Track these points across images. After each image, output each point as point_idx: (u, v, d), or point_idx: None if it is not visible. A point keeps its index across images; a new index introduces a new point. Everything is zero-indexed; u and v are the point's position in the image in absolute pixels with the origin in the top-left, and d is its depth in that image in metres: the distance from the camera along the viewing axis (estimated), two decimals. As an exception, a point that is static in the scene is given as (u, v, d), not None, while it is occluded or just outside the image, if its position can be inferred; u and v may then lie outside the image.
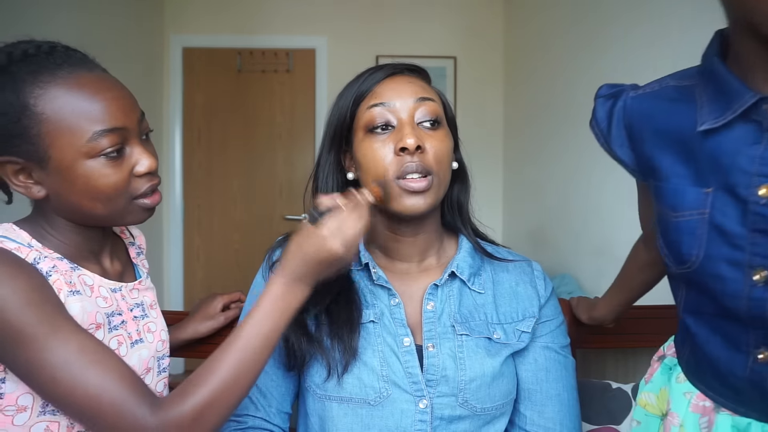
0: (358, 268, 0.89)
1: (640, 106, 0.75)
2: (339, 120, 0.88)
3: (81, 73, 0.73)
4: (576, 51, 2.52)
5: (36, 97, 0.70)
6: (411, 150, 0.80)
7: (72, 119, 0.71)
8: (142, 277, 0.90)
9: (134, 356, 0.81)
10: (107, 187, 0.74)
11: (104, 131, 0.72)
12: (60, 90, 0.71)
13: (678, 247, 0.71)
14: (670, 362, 0.86)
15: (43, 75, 0.71)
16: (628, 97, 0.77)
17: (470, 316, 0.87)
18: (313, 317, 0.85)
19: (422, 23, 3.61)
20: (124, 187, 0.76)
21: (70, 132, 0.71)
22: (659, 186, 0.73)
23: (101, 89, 0.73)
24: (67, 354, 0.67)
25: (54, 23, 2.15)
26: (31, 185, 0.74)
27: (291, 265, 0.73)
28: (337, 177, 0.90)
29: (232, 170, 3.60)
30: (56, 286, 0.72)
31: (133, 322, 0.83)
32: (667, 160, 0.72)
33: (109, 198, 0.75)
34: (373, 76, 0.86)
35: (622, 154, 0.78)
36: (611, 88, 0.81)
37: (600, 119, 0.80)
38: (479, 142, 3.53)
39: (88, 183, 0.73)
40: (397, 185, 0.82)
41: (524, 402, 0.89)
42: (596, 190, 2.33)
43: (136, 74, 3.09)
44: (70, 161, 0.72)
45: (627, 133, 0.77)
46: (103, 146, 0.72)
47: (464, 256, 0.90)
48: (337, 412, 0.82)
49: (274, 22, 3.56)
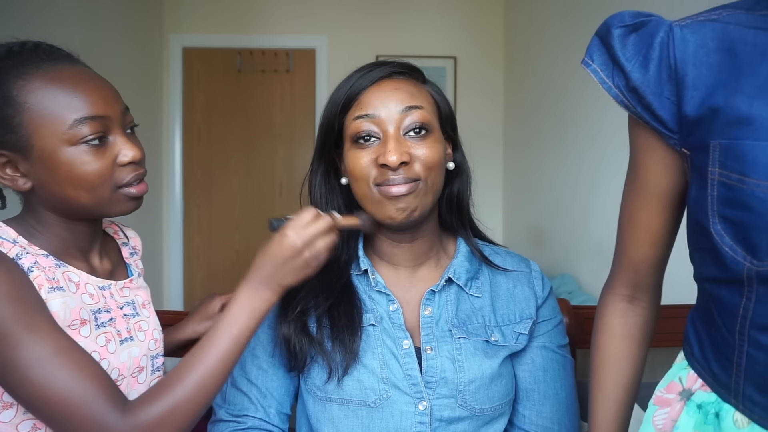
0: (358, 273, 0.89)
1: (703, 37, 0.56)
2: (328, 128, 0.87)
3: (64, 66, 0.75)
4: (576, 50, 2.51)
5: (19, 87, 0.72)
6: (393, 167, 0.79)
7: (53, 107, 0.72)
8: (133, 275, 0.90)
9: (124, 353, 0.81)
10: (90, 174, 0.75)
11: (85, 118, 0.73)
12: (42, 81, 0.73)
13: (761, 232, 0.52)
14: (703, 401, 0.62)
15: (26, 68, 0.73)
16: (676, 27, 0.58)
17: (468, 320, 0.86)
18: (315, 319, 0.85)
19: (422, 23, 3.61)
20: (108, 175, 0.76)
21: (51, 120, 0.72)
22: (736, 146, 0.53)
23: (83, 80, 0.75)
24: (42, 353, 0.67)
25: (54, 23, 2.15)
26: (18, 177, 0.75)
27: (256, 269, 0.76)
28: (332, 182, 0.90)
29: (231, 170, 3.60)
30: (37, 282, 0.72)
31: (123, 320, 0.84)
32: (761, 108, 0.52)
33: (93, 186, 0.76)
34: (360, 81, 0.84)
35: (659, 106, 0.58)
36: (635, 17, 0.61)
37: (623, 58, 0.59)
38: (479, 142, 3.53)
39: (70, 171, 0.74)
40: (377, 191, 0.81)
41: (522, 402, 0.89)
42: (596, 189, 2.33)
43: (136, 74, 3.09)
44: (53, 149, 0.73)
45: (674, 77, 0.57)
46: (84, 133, 0.73)
47: (461, 261, 0.90)
48: (337, 413, 0.82)
49: (274, 22, 3.56)
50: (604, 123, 2.21)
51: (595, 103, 2.27)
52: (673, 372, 0.68)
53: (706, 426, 0.61)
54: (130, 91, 2.87)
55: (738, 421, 0.58)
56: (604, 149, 2.22)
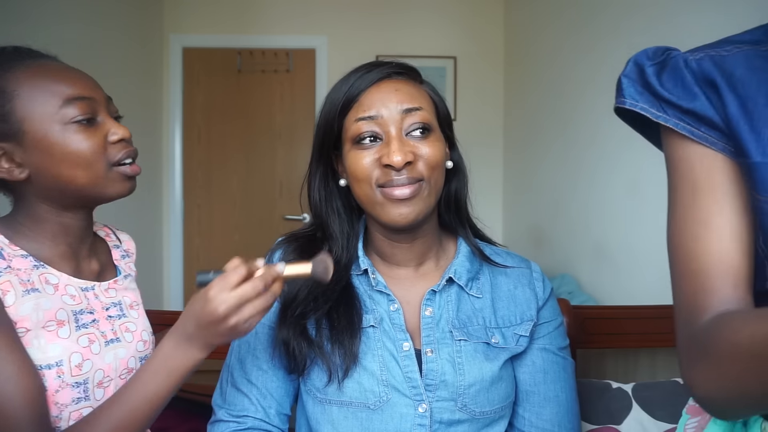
0: (358, 274, 0.89)
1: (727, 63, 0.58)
2: (327, 129, 0.86)
3: (46, 61, 0.80)
4: (576, 50, 2.51)
5: (7, 79, 0.76)
6: (398, 167, 0.79)
7: (41, 92, 0.76)
8: (119, 276, 0.91)
9: (109, 354, 0.82)
10: (84, 151, 0.78)
11: (73, 98, 0.77)
12: (28, 72, 0.77)
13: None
14: None
15: (11, 63, 0.77)
16: (695, 58, 0.60)
17: (468, 321, 0.86)
18: (314, 322, 0.85)
19: (422, 23, 3.61)
20: (101, 152, 0.79)
21: (40, 104, 0.76)
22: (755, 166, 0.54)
23: (65, 69, 0.81)
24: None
25: (54, 23, 2.15)
26: (14, 168, 0.77)
27: (181, 324, 0.73)
28: (330, 183, 0.90)
29: (231, 170, 3.60)
30: (2, 287, 0.73)
31: (108, 321, 0.84)
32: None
33: (88, 162, 0.78)
34: (358, 82, 0.84)
35: (701, 108, 0.58)
36: (656, 53, 0.64)
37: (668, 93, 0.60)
38: (479, 142, 3.53)
39: (64, 150, 0.77)
40: (380, 193, 0.81)
41: (523, 404, 0.89)
42: (597, 189, 2.33)
43: (136, 74, 3.09)
44: (45, 131, 0.76)
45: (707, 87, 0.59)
46: (73, 113, 0.77)
47: (462, 261, 0.90)
48: (337, 415, 0.82)
49: (273, 22, 3.56)
50: (605, 122, 2.21)
51: (595, 102, 2.27)
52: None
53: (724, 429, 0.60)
54: (130, 90, 2.88)
55: (766, 429, 0.57)
56: (605, 149, 2.22)
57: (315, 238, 0.92)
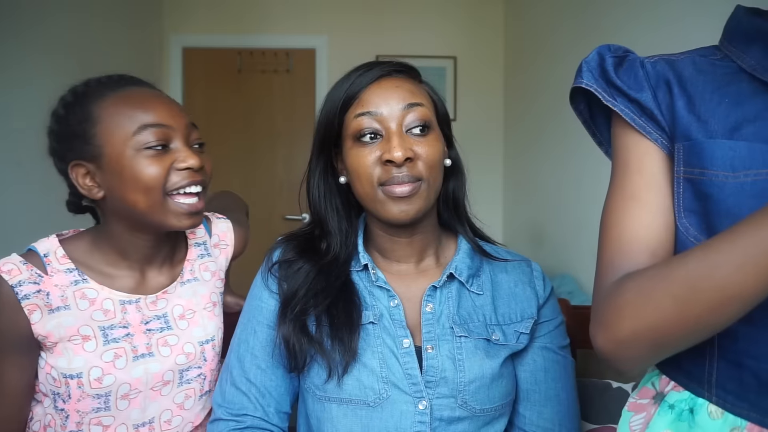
0: (358, 270, 0.89)
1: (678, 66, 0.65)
2: (327, 127, 0.87)
3: (137, 88, 0.86)
4: (576, 50, 2.51)
5: (97, 105, 0.82)
6: (398, 163, 0.79)
7: (122, 117, 0.81)
8: (173, 283, 0.92)
9: (138, 369, 0.84)
10: (146, 176, 0.80)
11: (148, 125, 0.81)
12: (115, 99, 0.82)
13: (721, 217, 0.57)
14: (676, 400, 0.63)
15: (105, 91, 0.83)
16: (650, 61, 0.67)
17: (469, 318, 0.86)
18: (314, 318, 0.85)
19: (422, 23, 3.61)
20: (161, 179, 0.81)
21: (119, 128, 0.81)
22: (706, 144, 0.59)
23: (150, 96, 0.85)
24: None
25: (54, 23, 2.15)
26: (93, 187, 0.83)
27: None
28: (330, 181, 0.90)
29: (231, 170, 3.60)
30: (29, 308, 0.78)
31: (144, 335, 0.86)
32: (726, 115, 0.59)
33: (147, 188, 0.81)
34: (359, 79, 0.84)
35: (645, 100, 0.64)
36: (617, 50, 0.70)
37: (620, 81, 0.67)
38: (479, 142, 3.53)
39: (132, 174, 0.80)
40: (381, 191, 0.81)
41: (523, 402, 0.89)
42: (597, 189, 2.33)
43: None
44: (119, 154, 0.80)
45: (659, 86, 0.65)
46: (147, 139, 0.81)
47: (463, 257, 0.90)
48: (336, 413, 0.82)
49: (273, 22, 3.56)
50: (604, 123, 2.20)
51: (595, 103, 2.27)
52: (646, 379, 0.71)
53: (681, 423, 0.62)
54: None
55: (712, 413, 0.59)
56: (604, 149, 2.22)
57: (313, 236, 0.92)
